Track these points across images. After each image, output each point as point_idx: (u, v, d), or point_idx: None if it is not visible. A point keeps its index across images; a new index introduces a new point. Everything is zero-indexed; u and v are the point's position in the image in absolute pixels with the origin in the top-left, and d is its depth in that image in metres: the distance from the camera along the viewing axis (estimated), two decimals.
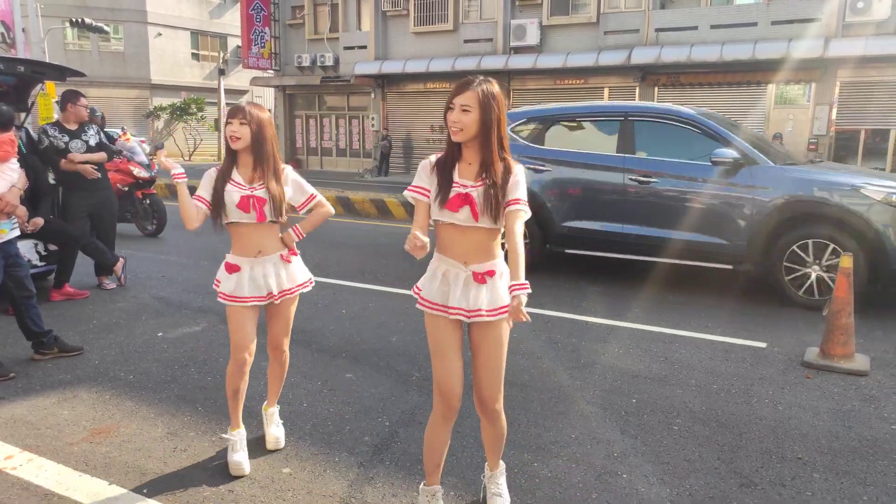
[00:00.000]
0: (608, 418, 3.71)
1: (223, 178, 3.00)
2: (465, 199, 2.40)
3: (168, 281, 6.83)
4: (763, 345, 4.99)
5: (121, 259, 6.57)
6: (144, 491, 2.90)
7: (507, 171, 2.44)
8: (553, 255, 7.33)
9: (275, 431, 3.34)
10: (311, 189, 3.18)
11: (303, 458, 3.21)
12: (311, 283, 3.25)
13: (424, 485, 2.68)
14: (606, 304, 6.11)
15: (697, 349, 4.89)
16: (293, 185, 3.11)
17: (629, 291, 6.60)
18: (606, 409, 3.83)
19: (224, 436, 3.19)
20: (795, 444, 3.42)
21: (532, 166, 6.93)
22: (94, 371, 4.32)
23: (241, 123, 2.94)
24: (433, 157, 2.53)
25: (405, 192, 2.56)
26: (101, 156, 6.26)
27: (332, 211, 3.24)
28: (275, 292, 3.06)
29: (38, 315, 4.47)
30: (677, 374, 4.40)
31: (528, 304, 2.27)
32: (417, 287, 2.64)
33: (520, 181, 2.44)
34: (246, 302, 3.02)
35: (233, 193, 2.96)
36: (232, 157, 3.04)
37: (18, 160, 4.61)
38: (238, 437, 3.13)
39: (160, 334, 5.10)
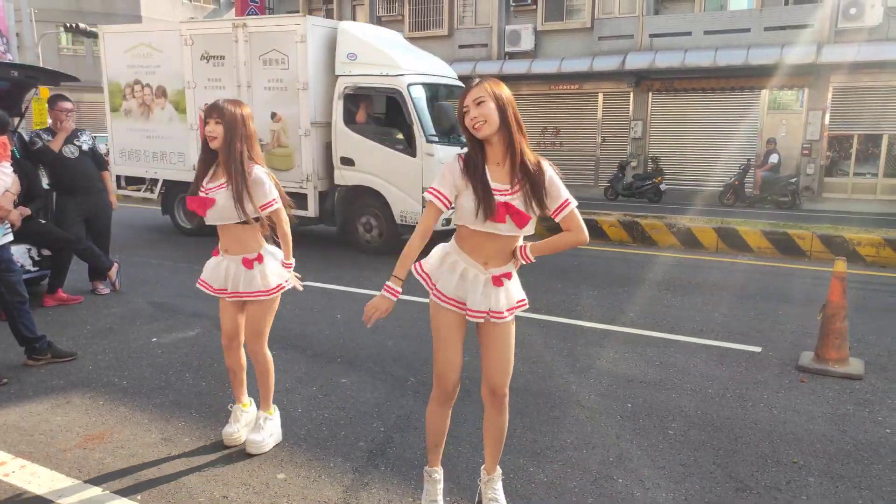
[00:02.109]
0: (604, 423, 3.70)
1: (201, 176, 3.15)
2: (507, 209, 2.40)
3: (162, 286, 6.81)
4: (758, 349, 5.00)
5: (115, 264, 6.54)
6: (138, 497, 2.88)
7: (539, 171, 2.45)
8: (550, 261, 7.31)
9: (251, 436, 3.31)
10: (260, 175, 3.08)
11: (298, 464, 3.20)
12: (281, 288, 3.24)
13: (426, 466, 2.81)
14: (601, 309, 6.12)
15: (692, 353, 4.90)
16: (255, 180, 3.06)
17: (624, 296, 6.61)
18: (602, 413, 3.83)
19: (228, 407, 3.49)
20: (790, 448, 3.42)
21: None
22: (88, 377, 4.29)
23: (217, 123, 2.98)
24: (458, 160, 2.48)
25: (425, 194, 2.57)
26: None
27: (285, 225, 3.19)
28: (227, 290, 3.23)
29: (31, 321, 4.45)
30: (673, 378, 4.40)
31: (522, 310, 2.29)
32: (426, 273, 2.63)
33: (555, 179, 2.47)
34: (202, 284, 3.32)
35: (196, 192, 3.14)
36: (206, 157, 3.12)
37: (12, 165, 4.59)
38: (234, 409, 3.41)
39: (154, 339, 5.08)
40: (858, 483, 3.10)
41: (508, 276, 2.56)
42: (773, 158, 16.16)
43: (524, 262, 2.54)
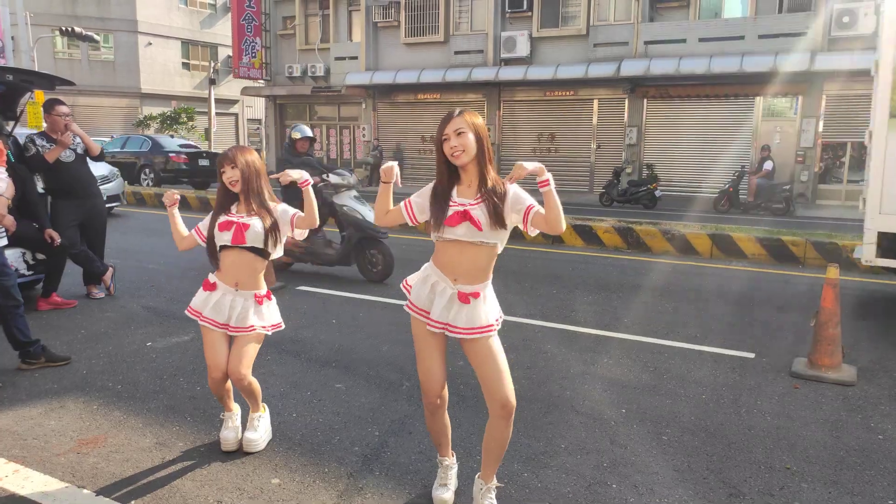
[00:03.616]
0: (598, 428, 3.71)
1: (220, 212, 3.28)
2: (464, 216, 2.57)
3: (157, 290, 6.80)
4: (751, 355, 5.02)
5: (110, 268, 6.53)
6: (132, 502, 2.88)
7: (503, 189, 2.62)
8: (545, 267, 7.32)
9: (248, 434, 3.37)
10: (291, 210, 3.29)
11: (292, 469, 3.20)
12: (279, 327, 3.42)
13: (438, 455, 2.97)
14: (596, 315, 6.13)
15: (686, 359, 4.91)
16: (281, 215, 3.26)
17: (619, 302, 6.62)
18: (596, 419, 3.84)
19: (221, 416, 3.48)
20: (784, 454, 3.44)
21: None
22: (82, 381, 4.28)
23: (233, 168, 3.17)
24: (433, 185, 2.72)
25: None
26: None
27: (316, 221, 3.27)
28: (232, 325, 3.24)
29: (25, 324, 4.43)
30: (667, 384, 4.41)
31: (518, 314, 2.31)
32: (408, 285, 2.85)
33: (519, 193, 2.63)
34: (200, 318, 3.28)
35: (221, 219, 3.22)
36: (226, 197, 3.26)
37: (7, 169, 4.59)
38: (228, 416, 3.41)
39: (149, 344, 5.07)
40: (851, 489, 3.11)
41: (476, 295, 2.64)
42: (768, 165, 16.25)
43: (541, 177, 2.52)
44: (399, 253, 7.72)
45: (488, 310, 2.68)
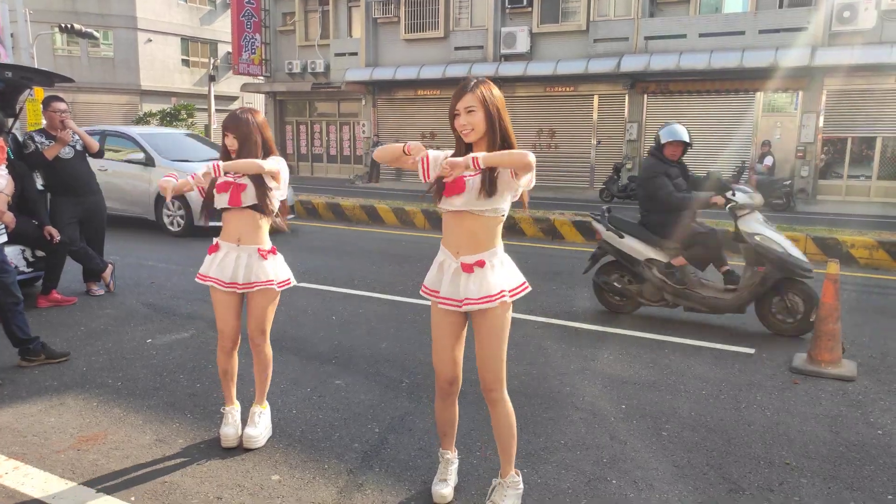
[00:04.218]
0: (598, 424, 3.71)
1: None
2: (461, 184, 2.52)
3: (157, 287, 6.80)
4: (751, 351, 5.02)
5: (109, 265, 6.53)
6: (132, 498, 2.88)
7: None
8: (545, 263, 7.31)
9: (248, 431, 3.36)
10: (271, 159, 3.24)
11: (292, 465, 3.20)
12: (288, 283, 3.39)
13: (440, 448, 2.97)
14: (596, 311, 6.13)
15: (686, 355, 4.91)
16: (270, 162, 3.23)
17: None
18: (596, 414, 3.84)
19: (221, 410, 3.47)
20: (783, 450, 3.44)
21: None
22: (82, 378, 4.29)
23: (234, 137, 3.21)
24: (449, 152, 2.65)
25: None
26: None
27: (263, 167, 3.15)
28: (239, 282, 3.24)
29: (25, 322, 4.44)
30: (666, 379, 4.41)
31: (518, 310, 2.29)
32: (427, 284, 2.83)
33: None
34: (207, 280, 3.27)
35: (220, 181, 3.22)
36: (226, 159, 3.27)
37: (7, 166, 4.59)
38: (228, 411, 3.40)
39: (149, 341, 5.07)
40: (851, 484, 3.11)
41: (481, 263, 2.59)
42: (768, 161, 16.23)
43: (472, 169, 2.40)
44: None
45: (499, 279, 2.61)
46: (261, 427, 3.40)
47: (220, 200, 3.24)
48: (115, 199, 9.90)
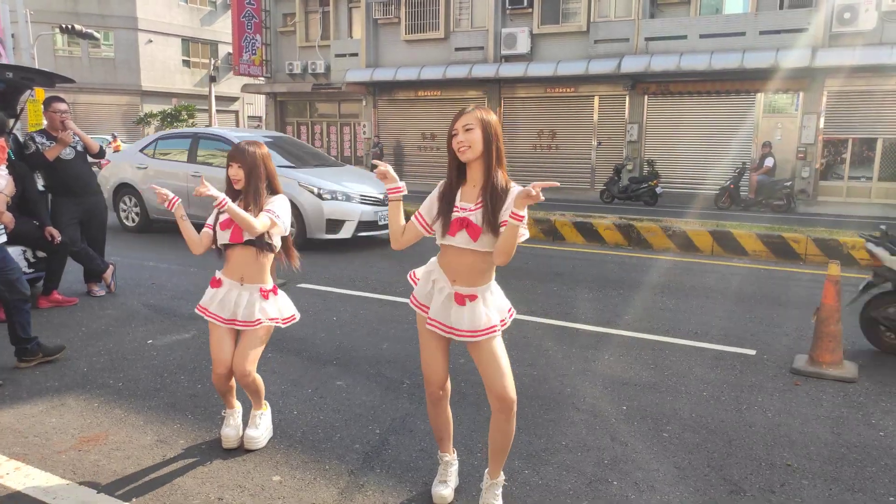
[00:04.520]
0: (598, 425, 3.71)
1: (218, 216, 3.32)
2: (462, 223, 2.59)
3: (158, 288, 6.80)
4: (752, 352, 5.02)
5: (110, 266, 6.53)
6: (133, 499, 2.88)
7: (504, 192, 2.57)
8: (546, 264, 7.32)
9: (249, 432, 3.38)
10: (273, 205, 3.25)
11: (293, 466, 3.20)
12: (293, 319, 3.43)
13: (438, 451, 2.99)
14: (597, 312, 6.13)
15: (687, 356, 4.91)
16: (267, 207, 3.25)
17: (620, 299, 6.62)
18: (597, 416, 3.84)
19: (222, 413, 3.50)
20: (785, 451, 3.43)
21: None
22: (83, 378, 4.29)
23: (239, 167, 3.24)
24: (440, 186, 2.71)
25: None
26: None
27: (257, 229, 3.15)
28: (238, 319, 3.24)
29: (28, 321, 4.42)
30: (667, 381, 4.41)
31: (519, 311, 2.29)
32: (416, 277, 2.87)
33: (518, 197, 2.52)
34: (207, 314, 3.28)
35: (223, 216, 3.25)
36: (230, 194, 3.30)
37: (7, 167, 4.59)
38: (229, 413, 3.43)
39: (150, 341, 5.07)
40: (852, 485, 3.11)
41: (473, 297, 2.64)
42: (769, 162, 16.22)
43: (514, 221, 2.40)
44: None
45: (490, 310, 2.67)
46: (262, 428, 3.41)
47: (223, 237, 3.25)
48: (209, 208, 9.71)
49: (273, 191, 3.33)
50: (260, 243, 3.23)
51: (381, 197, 9.33)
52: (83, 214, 6.30)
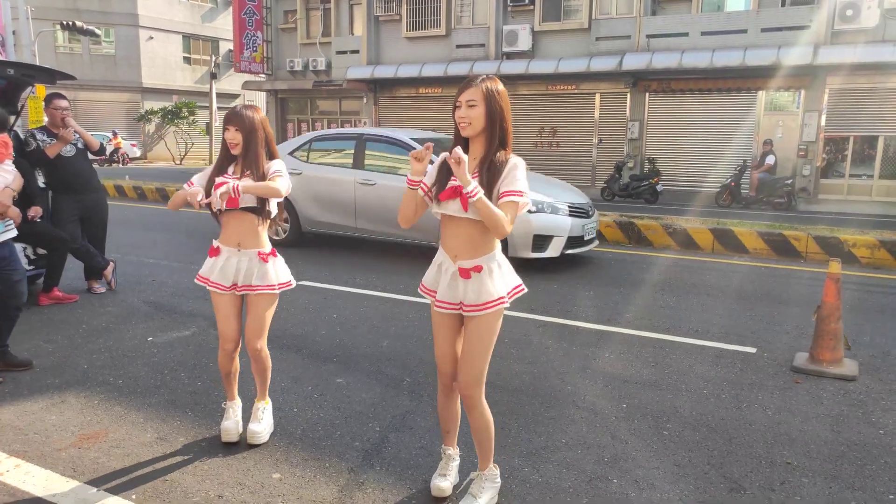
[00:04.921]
0: (599, 423, 3.71)
1: (218, 172, 3.24)
2: (455, 192, 2.53)
3: (158, 285, 6.80)
4: (753, 350, 5.02)
5: (111, 263, 6.54)
6: (133, 496, 2.88)
7: (503, 164, 2.54)
8: (546, 261, 7.33)
9: (252, 427, 3.38)
10: (278, 167, 3.22)
11: (293, 464, 3.20)
12: (289, 284, 3.37)
13: (442, 444, 2.97)
14: (598, 309, 6.12)
15: (688, 354, 4.91)
16: (271, 175, 3.20)
17: (620, 297, 6.62)
18: (597, 414, 3.84)
19: (222, 405, 3.48)
20: (785, 449, 3.43)
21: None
22: (83, 376, 4.29)
23: (237, 131, 3.16)
24: (444, 154, 2.61)
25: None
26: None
27: (281, 192, 3.16)
28: (240, 284, 3.23)
29: (10, 329, 4.33)
30: (668, 379, 4.41)
31: (519, 309, 2.29)
32: (426, 286, 2.84)
33: (515, 174, 2.53)
34: (209, 284, 3.26)
35: (217, 181, 3.17)
36: (226, 156, 3.25)
37: (14, 162, 4.59)
38: (230, 405, 3.43)
39: (150, 338, 5.07)
40: (852, 484, 3.11)
41: (478, 269, 2.58)
42: (770, 160, 16.21)
43: (470, 196, 2.40)
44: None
45: (498, 283, 2.61)
46: (265, 423, 3.42)
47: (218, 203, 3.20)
48: (382, 222, 8.08)
49: (271, 156, 3.27)
50: (257, 210, 3.19)
51: (588, 207, 8.18)
52: (84, 211, 6.30)
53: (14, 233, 4.37)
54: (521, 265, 7.81)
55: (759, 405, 4.00)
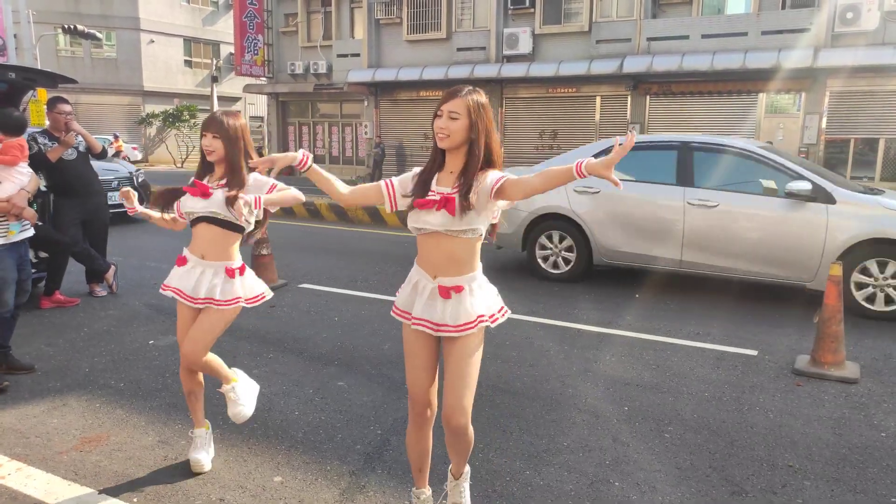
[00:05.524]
0: (600, 426, 3.71)
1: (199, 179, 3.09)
2: (443, 201, 2.35)
3: (159, 288, 6.79)
4: (754, 353, 5.01)
5: (112, 266, 6.54)
6: (134, 500, 2.88)
7: (482, 175, 2.39)
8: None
9: (231, 410, 3.18)
10: (271, 180, 3.05)
11: (294, 467, 3.20)
12: (263, 297, 3.16)
13: (413, 487, 2.75)
14: (599, 312, 6.12)
15: (689, 357, 4.91)
16: (254, 184, 3.02)
17: (621, 299, 6.61)
18: (598, 416, 3.84)
19: (189, 434, 3.26)
20: (786, 452, 3.43)
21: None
22: (85, 379, 4.29)
23: (214, 137, 2.98)
24: (417, 169, 2.53)
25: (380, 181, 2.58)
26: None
27: (302, 197, 3.05)
28: (199, 297, 3.00)
29: (11, 328, 4.35)
30: (669, 381, 4.41)
31: (520, 312, 2.27)
32: (397, 292, 2.64)
33: (496, 173, 2.40)
34: (168, 290, 3.10)
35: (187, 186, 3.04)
36: (206, 164, 3.08)
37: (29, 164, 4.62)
38: (198, 434, 3.18)
39: (151, 342, 5.07)
40: (854, 486, 3.11)
41: (458, 289, 2.42)
42: None
43: (578, 177, 2.21)
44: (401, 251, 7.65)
45: (478, 302, 2.44)
46: (242, 399, 3.18)
47: (186, 205, 3.03)
48: (723, 255, 6.50)
49: (249, 168, 3.00)
50: (223, 223, 2.99)
51: None
52: (85, 215, 6.30)
53: (31, 232, 4.39)
54: (522, 268, 7.79)
55: (760, 408, 4.00)
